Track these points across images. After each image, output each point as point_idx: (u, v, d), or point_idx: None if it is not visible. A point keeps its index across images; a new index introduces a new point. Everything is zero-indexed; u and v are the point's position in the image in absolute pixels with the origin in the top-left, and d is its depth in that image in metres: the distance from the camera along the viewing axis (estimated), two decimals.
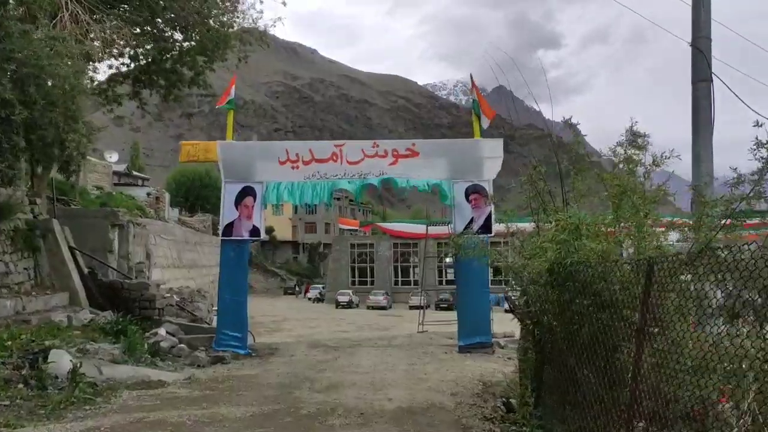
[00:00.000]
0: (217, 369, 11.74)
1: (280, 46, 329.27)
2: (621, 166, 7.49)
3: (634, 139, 7.55)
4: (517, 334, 20.20)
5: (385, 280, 62.33)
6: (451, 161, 14.25)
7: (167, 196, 56.74)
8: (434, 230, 61.64)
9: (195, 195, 77.46)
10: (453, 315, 37.28)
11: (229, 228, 13.60)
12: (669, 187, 7.69)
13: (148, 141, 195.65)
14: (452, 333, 18.84)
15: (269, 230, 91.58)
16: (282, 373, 11.30)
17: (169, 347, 12.60)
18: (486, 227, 13.94)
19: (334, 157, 13.99)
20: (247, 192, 13.68)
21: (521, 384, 7.46)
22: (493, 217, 13.98)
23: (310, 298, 65.11)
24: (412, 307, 54.72)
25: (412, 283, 62.01)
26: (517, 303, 7.65)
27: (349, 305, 56.11)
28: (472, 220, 14.04)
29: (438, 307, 51.91)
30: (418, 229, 64.27)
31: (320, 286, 68.47)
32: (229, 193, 13.77)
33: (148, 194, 51.11)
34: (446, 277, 61.96)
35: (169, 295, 17.85)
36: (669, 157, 7.85)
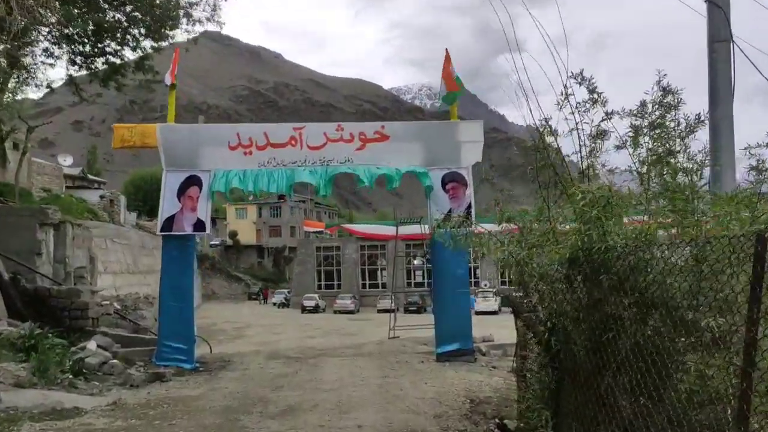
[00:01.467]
0: (153, 389, 9.87)
1: (243, 50, 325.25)
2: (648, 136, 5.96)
3: (664, 96, 6.03)
4: (500, 338, 18.78)
5: (353, 284, 60.65)
6: (426, 146, 12.66)
7: (123, 199, 54.18)
8: (404, 230, 60.31)
9: (154, 199, 74.48)
10: (425, 318, 35.71)
11: (170, 222, 11.76)
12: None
13: (108, 146, 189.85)
14: (426, 338, 17.25)
15: (233, 234, 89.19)
16: (230, 393, 9.51)
17: (98, 364, 10.70)
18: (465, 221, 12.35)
19: (293, 142, 12.28)
20: (191, 182, 11.87)
21: (528, 406, 5.84)
22: (473, 207, 12.45)
23: (275, 303, 62.96)
24: (380, 311, 53.15)
25: (380, 286, 60.46)
26: (523, 304, 6.03)
27: (316, 310, 54.39)
28: (450, 212, 12.43)
29: (407, 310, 50.31)
30: (386, 230, 62.67)
31: (285, 290, 66.36)
32: (170, 182, 11.94)
33: (102, 197, 48.49)
34: (415, 279, 60.55)
35: (107, 302, 15.87)
36: (703, 120, 6.40)
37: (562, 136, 6.49)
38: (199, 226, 11.75)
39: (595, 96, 6.23)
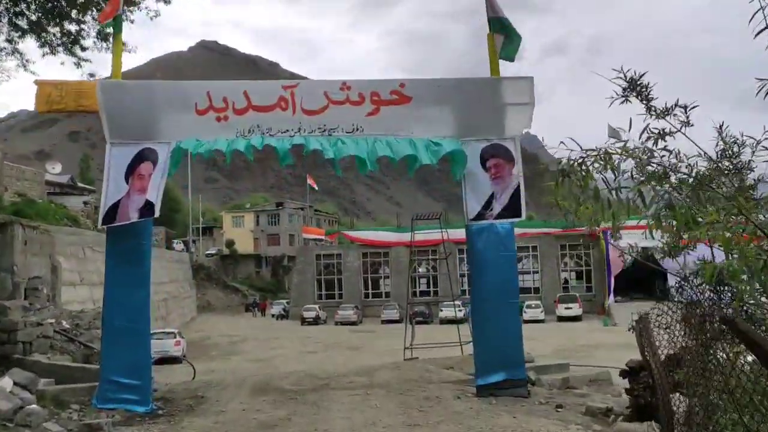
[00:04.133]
0: None
1: (240, 60, 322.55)
2: None
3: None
4: (539, 354, 15.64)
5: (355, 293, 57.58)
6: (459, 110, 9.59)
7: None
8: (408, 237, 57.24)
9: None
10: (435, 331, 32.65)
11: (113, 211, 8.65)
12: None
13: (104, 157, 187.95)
14: (452, 359, 14.15)
15: (229, 243, 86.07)
16: None
17: (12, 410, 7.60)
18: (513, 208, 9.31)
19: (283, 104, 9.21)
20: (143, 157, 8.80)
21: None
22: (523, 192, 9.38)
23: (273, 315, 59.83)
24: (384, 322, 50.31)
25: (384, 296, 57.41)
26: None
27: (316, 321, 51.44)
28: (492, 198, 9.36)
29: (412, 320, 47.11)
30: (388, 236, 59.71)
31: (284, 301, 63.20)
32: (116, 159, 8.88)
33: (86, 204, 45.50)
34: (420, 287, 57.55)
35: (53, 320, 12.74)
36: None
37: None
38: (146, 210, 8.60)
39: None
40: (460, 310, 46.60)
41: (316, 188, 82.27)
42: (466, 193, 9.44)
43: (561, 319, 45.88)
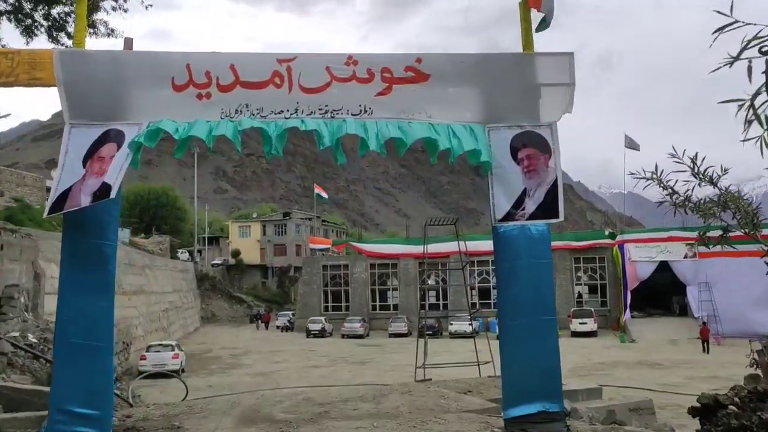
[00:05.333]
0: None
1: None
2: None
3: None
4: (579, 382, 14.01)
5: (362, 306, 56.14)
6: (486, 91, 8.10)
7: None
8: (417, 248, 55.80)
9: (151, 215, 70.55)
10: (446, 346, 31.03)
11: (62, 199, 7.18)
12: None
13: None
14: (469, 382, 12.62)
15: (235, 253, 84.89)
16: None
17: None
18: (549, 207, 7.82)
19: (278, 80, 7.75)
20: (107, 138, 7.34)
21: None
22: (560, 188, 7.87)
23: (278, 327, 58.44)
24: (392, 335, 48.96)
25: (392, 308, 55.99)
26: None
27: (322, 334, 50.11)
28: (524, 195, 7.86)
29: (421, 335, 45.59)
30: (397, 248, 58.22)
31: (289, 313, 61.79)
32: (76, 142, 7.42)
33: None
34: (429, 300, 55.99)
35: (17, 334, 11.27)
36: None
37: None
38: (101, 192, 7.07)
39: None
40: (470, 324, 45.23)
41: (326, 196, 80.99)
42: (494, 190, 7.91)
43: (575, 334, 44.21)
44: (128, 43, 8.46)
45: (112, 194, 7.18)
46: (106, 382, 7.29)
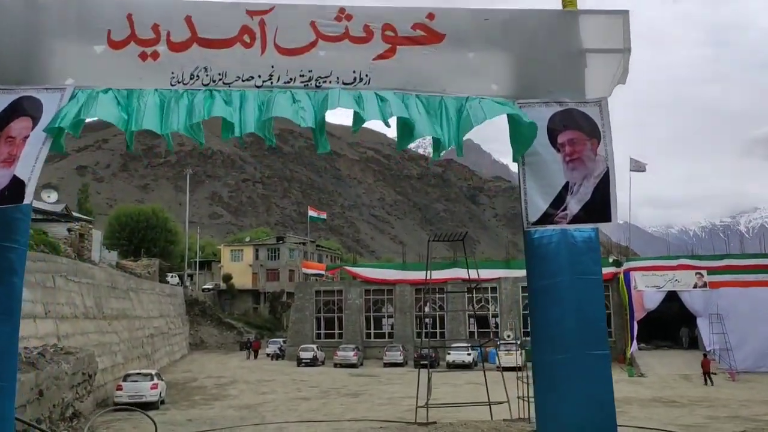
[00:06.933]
0: None
1: None
2: None
3: None
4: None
5: (356, 333, 54.02)
6: (516, 58, 6.38)
7: (97, 234, 48.12)
8: (413, 274, 53.76)
9: (140, 237, 68.58)
10: (444, 378, 28.86)
11: None
12: None
13: (112, 191, 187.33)
14: (479, 427, 10.70)
15: (227, 278, 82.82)
16: None
17: None
18: (597, 209, 6.00)
19: (247, 38, 6.01)
20: (20, 109, 5.53)
21: None
22: (614, 182, 6.07)
23: (268, 354, 56.21)
24: (387, 365, 46.82)
25: (387, 336, 53.87)
26: None
27: (313, 363, 47.98)
28: (566, 190, 6.04)
29: (417, 364, 43.78)
30: (392, 273, 56.23)
31: (280, 340, 59.57)
32: None
33: (70, 231, 42.35)
34: (427, 329, 53.94)
35: None
36: None
37: None
38: (12, 191, 5.29)
39: None
40: (469, 354, 43.11)
41: (323, 217, 79.30)
42: (526, 184, 6.11)
43: None
44: None
45: (26, 199, 5.40)
46: (6, 428, 5.36)
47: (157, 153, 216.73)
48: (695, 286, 43.21)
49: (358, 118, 5.98)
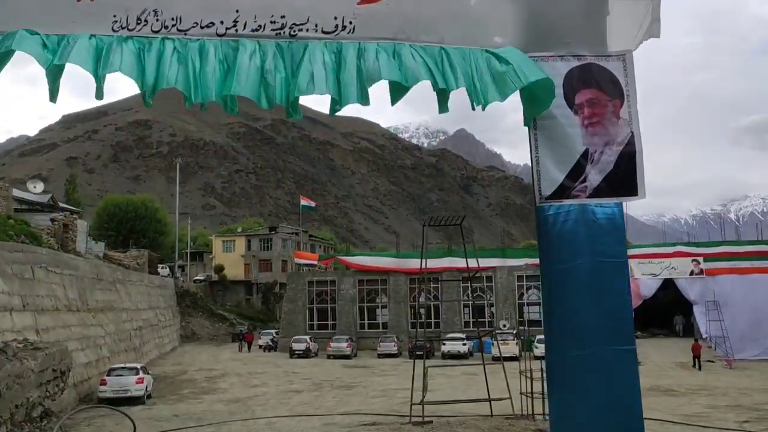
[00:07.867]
0: None
1: None
2: None
3: None
4: None
5: (349, 324, 53.23)
6: (527, 3, 5.40)
7: (82, 224, 47.00)
8: (407, 263, 52.94)
9: (128, 228, 67.45)
10: (437, 369, 28.05)
11: None
12: None
13: (103, 183, 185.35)
14: (479, 426, 9.83)
15: (218, 269, 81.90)
16: None
17: None
18: (622, 181, 5.08)
19: None
20: None
21: None
22: (641, 151, 5.13)
23: (260, 346, 55.40)
24: (381, 356, 46.10)
25: (381, 327, 53.13)
26: None
27: (306, 354, 47.22)
28: (585, 159, 5.12)
29: (412, 355, 43.03)
30: (387, 261, 55.45)
31: (273, 331, 58.73)
32: None
33: (53, 221, 41.25)
34: (423, 318, 53.19)
35: None
36: None
37: None
38: None
39: None
40: (464, 344, 42.38)
41: (314, 205, 78.32)
42: (538, 152, 5.21)
43: None
44: None
45: None
46: None
47: (148, 144, 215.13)
48: (692, 274, 42.72)
49: (334, 103, 5.08)
